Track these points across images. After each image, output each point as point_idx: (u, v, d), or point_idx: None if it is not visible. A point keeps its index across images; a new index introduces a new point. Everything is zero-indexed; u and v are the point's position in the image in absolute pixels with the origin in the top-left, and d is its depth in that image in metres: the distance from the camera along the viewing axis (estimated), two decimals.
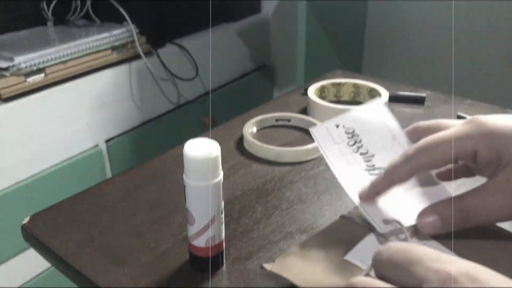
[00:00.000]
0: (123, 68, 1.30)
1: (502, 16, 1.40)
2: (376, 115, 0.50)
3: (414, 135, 0.47)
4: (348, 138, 0.46)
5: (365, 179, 0.46)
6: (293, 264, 0.44)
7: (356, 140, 0.47)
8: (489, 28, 1.44)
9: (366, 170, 0.46)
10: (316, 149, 0.65)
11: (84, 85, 1.21)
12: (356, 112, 0.49)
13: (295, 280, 0.42)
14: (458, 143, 0.41)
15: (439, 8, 1.50)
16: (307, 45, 1.40)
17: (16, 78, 1.07)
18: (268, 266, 0.44)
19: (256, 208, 0.54)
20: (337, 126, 0.47)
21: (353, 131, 0.47)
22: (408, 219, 0.44)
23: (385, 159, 0.46)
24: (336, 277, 0.42)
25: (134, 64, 1.32)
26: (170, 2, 1.41)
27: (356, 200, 0.45)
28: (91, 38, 1.22)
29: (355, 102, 0.82)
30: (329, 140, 0.46)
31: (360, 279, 0.31)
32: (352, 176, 0.46)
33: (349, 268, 0.43)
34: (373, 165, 0.46)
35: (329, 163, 0.46)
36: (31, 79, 1.10)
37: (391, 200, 0.45)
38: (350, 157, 0.46)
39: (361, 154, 0.46)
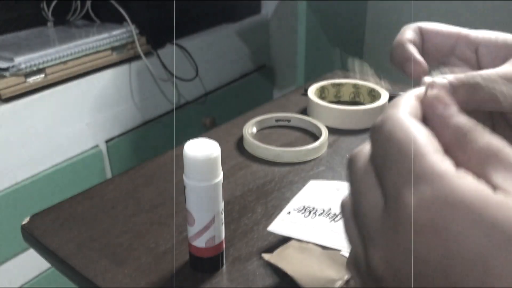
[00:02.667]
0: (123, 69, 1.30)
1: (502, 15, 1.40)
2: (312, 187, 0.57)
3: None
4: (301, 213, 0.52)
5: (334, 227, 0.49)
6: (291, 256, 0.45)
7: (309, 210, 0.52)
8: (488, 28, 1.44)
9: (330, 221, 0.50)
10: (316, 150, 0.65)
11: (84, 85, 1.21)
12: (298, 195, 0.56)
13: (290, 271, 0.43)
14: None
15: (439, 8, 1.50)
16: (307, 45, 1.40)
17: (16, 79, 1.07)
18: (266, 256, 0.45)
19: (256, 208, 0.54)
20: (289, 213, 0.52)
21: (303, 207, 0.53)
22: None
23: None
24: (331, 271, 0.43)
25: (134, 64, 1.32)
26: (170, 2, 1.40)
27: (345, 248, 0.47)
28: (91, 39, 1.22)
29: (355, 102, 0.82)
30: (289, 226, 0.50)
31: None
32: (327, 235, 0.49)
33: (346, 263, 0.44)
34: (334, 214, 0.51)
35: (306, 240, 0.48)
36: (31, 80, 1.10)
37: None
38: (313, 222, 0.50)
39: (319, 214, 0.51)
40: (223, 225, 0.44)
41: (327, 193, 0.55)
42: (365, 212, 0.22)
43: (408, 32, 0.37)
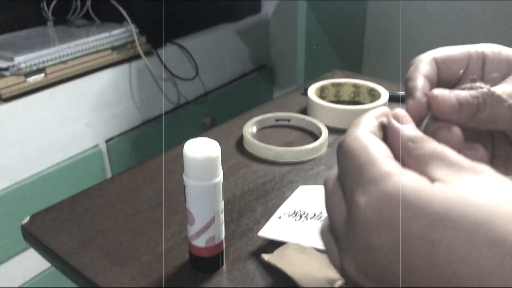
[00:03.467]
0: (123, 68, 1.30)
1: (503, 15, 1.40)
2: (302, 192, 0.56)
3: None
4: (292, 217, 0.51)
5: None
6: (290, 256, 0.45)
7: (300, 214, 0.52)
8: (489, 27, 1.44)
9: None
10: (316, 149, 0.65)
11: (84, 85, 1.21)
12: (288, 200, 0.55)
13: (290, 271, 0.43)
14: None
15: (439, 8, 1.50)
16: (307, 45, 1.40)
17: (16, 78, 1.07)
18: (266, 257, 0.45)
19: (256, 208, 0.54)
20: (279, 217, 0.52)
21: (294, 211, 0.52)
22: None
23: None
24: (331, 271, 0.43)
25: (134, 64, 1.32)
26: (170, 2, 1.40)
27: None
28: (91, 38, 1.22)
29: (355, 102, 0.82)
30: (281, 230, 0.50)
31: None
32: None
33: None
34: (326, 217, 0.49)
35: (300, 244, 0.48)
36: (31, 79, 1.10)
37: None
38: (305, 226, 0.50)
39: (310, 218, 0.51)
40: (223, 224, 0.44)
41: (317, 197, 0.54)
42: (335, 223, 0.24)
43: (423, 66, 0.36)
